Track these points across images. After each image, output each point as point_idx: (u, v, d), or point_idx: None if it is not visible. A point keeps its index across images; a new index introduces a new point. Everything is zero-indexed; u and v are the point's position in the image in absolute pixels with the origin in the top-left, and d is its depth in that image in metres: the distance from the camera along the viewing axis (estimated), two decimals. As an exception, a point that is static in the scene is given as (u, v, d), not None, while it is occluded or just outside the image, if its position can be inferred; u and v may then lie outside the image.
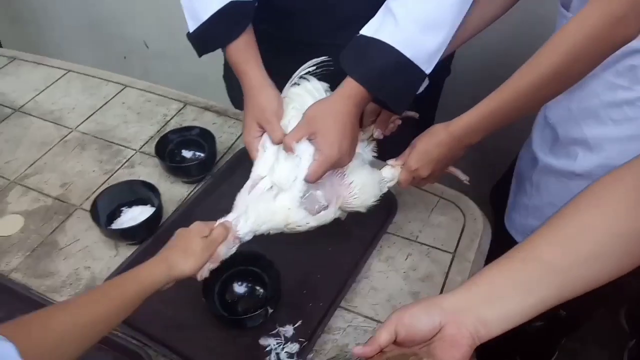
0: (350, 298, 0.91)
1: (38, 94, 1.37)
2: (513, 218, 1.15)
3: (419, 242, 1.00)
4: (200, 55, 0.94)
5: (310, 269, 0.95)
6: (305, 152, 0.84)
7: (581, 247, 0.57)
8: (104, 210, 0.99)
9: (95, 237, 1.01)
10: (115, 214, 1.01)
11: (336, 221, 0.93)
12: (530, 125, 1.10)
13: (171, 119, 1.28)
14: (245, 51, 0.90)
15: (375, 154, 0.97)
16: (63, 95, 1.38)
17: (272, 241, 0.92)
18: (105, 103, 1.34)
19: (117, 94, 1.37)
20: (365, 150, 0.96)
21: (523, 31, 1.45)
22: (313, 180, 0.84)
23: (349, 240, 1.00)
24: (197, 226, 0.79)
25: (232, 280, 0.91)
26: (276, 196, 0.85)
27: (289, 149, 0.84)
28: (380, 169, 0.92)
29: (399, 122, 1.00)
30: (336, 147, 0.83)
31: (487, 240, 1.02)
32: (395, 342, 0.58)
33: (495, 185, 1.40)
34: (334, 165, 0.85)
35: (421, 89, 1.24)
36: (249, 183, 0.88)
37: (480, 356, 1.87)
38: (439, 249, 0.98)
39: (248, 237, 0.84)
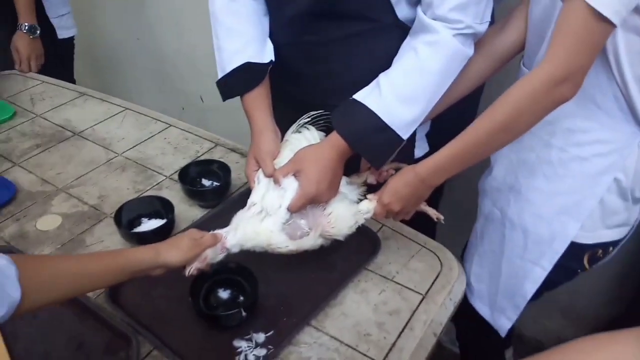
0: (321, 319, 1.01)
1: (96, 124, 1.61)
2: (466, 268, 1.24)
3: (394, 282, 1.09)
4: (224, 99, 1.14)
5: (291, 290, 1.06)
6: (290, 186, 1.00)
7: None
8: (126, 217, 1.16)
9: (116, 240, 1.17)
10: (134, 223, 1.17)
11: (321, 254, 1.06)
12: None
13: (202, 155, 1.46)
14: (256, 101, 1.10)
15: (362, 197, 1.10)
16: (117, 127, 1.60)
17: (263, 262, 1.06)
18: (150, 137, 1.55)
19: (161, 131, 1.58)
20: (352, 192, 1.09)
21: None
22: (293, 210, 0.99)
23: (331, 272, 1.11)
24: (191, 231, 0.94)
25: (218, 286, 1.04)
26: (263, 219, 0.99)
27: (276, 182, 1.01)
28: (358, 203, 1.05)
29: (392, 171, 1.13)
30: (314, 185, 0.98)
31: (459, 288, 1.10)
32: None
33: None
34: (312, 200, 0.99)
35: (420, 153, 1.38)
36: (245, 207, 1.04)
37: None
38: (411, 289, 1.08)
39: (235, 250, 0.98)
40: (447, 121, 1.32)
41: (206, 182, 1.31)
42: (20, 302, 0.66)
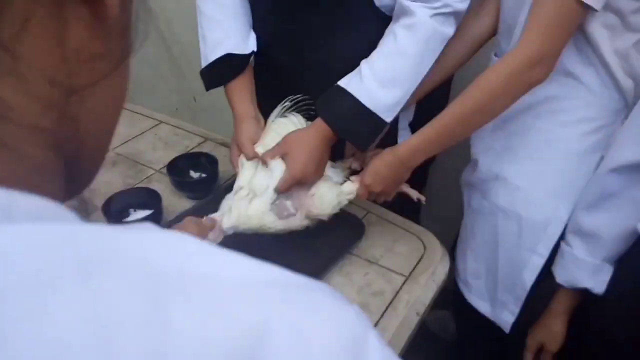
0: (305, 301, 1.03)
1: (88, 122, 1.63)
2: (457, 266, 1.24)
3: (378, 265, 1.11)
4: (207, 89, 1.17)
5: (277, 274, 1.08)
6: (277, 168, 1.03)
7: None
8: (115, 208, 1.18)
9: (105, 232, 1.19)
10: (123, 214, 1.20)
11: (307, 240, 1.08)
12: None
13: (192, 149, 1.49)
14: (237, 89, 1.13)
15: (346, 180, 1.12)
16: (109, 125, 1.62)
17: (251, 248, 1.07)
18: (141, 133, 1.58)
19: (152, 127, 1.60)
20: (336, 176, 1.12)
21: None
22: (281, 190, 1.01)
23: (317, 257, 1.12)
24: (188, 219, 0.97)
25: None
26: (251, 200, 1.02)
27: (263, 163, 1.03)
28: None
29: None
30: (301, 167, 1.00)
31: (442, 270, 1.12)
32: None
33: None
34: (298, 182, 1.02)
35: (400, 140, 1.40)
36: (232, 192, 1.06)
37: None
38: (394, 271, 1.10)
39: (230, 232, 1.01)
40: (430, 110, 1.35)
41: (194, 175, 1.33)
42: None
